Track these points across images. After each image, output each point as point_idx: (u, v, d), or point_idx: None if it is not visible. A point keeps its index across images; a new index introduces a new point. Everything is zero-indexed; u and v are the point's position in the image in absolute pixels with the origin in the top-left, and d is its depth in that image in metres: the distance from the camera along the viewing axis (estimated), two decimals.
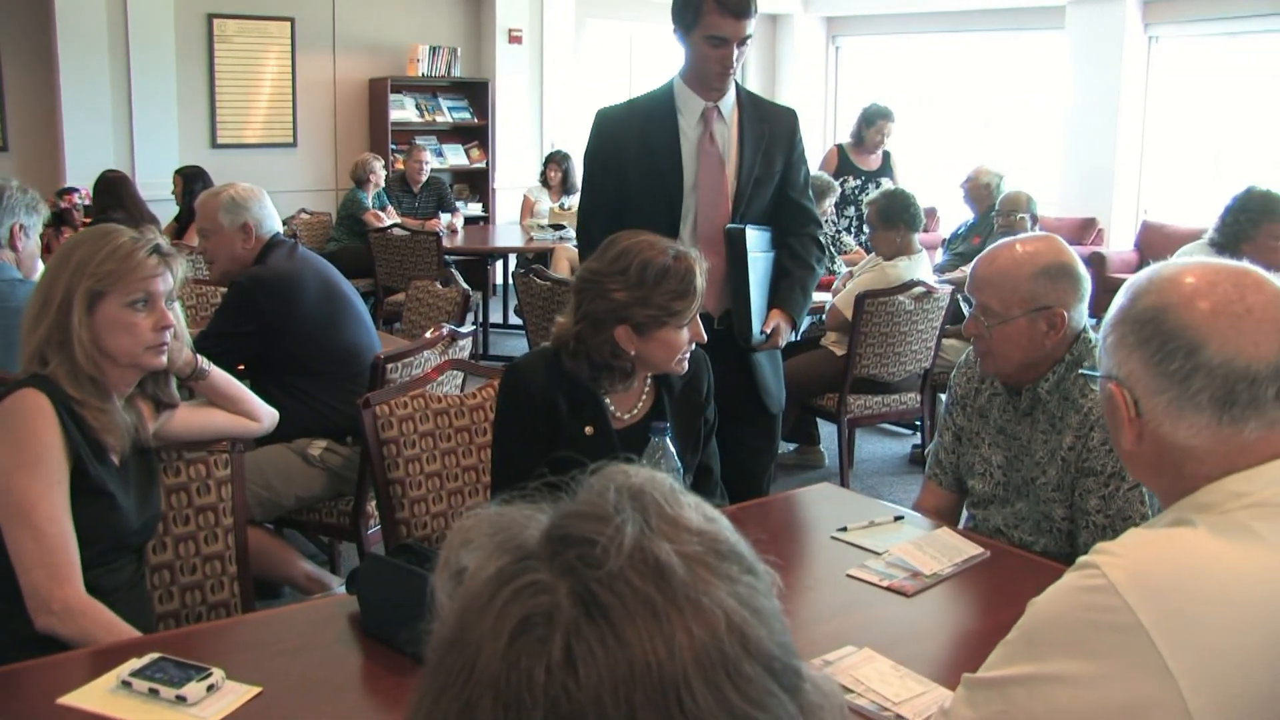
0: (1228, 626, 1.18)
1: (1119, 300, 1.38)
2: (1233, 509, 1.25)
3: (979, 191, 6.47)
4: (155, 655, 1.73)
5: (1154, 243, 8.74)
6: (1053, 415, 2.31)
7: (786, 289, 3.10)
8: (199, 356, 2.46)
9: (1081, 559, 1.26)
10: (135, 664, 1.70)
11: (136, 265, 2.10)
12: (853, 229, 6.59)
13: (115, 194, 6.26)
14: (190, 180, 6.83)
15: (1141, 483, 1.40)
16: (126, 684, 1.66)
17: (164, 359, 2.17)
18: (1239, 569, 1.21)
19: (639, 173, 3.04)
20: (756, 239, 3.05)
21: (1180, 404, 1.28)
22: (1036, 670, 1.24)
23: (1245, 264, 1.35)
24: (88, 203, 6.77)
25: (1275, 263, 4.07)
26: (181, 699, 1.63)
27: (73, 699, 1.64)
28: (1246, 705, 1.16)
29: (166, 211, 7.14)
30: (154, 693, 1.64)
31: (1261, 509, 1.24)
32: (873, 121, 6.63)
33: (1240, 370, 1.26)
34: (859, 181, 6.60)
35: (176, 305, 2.22)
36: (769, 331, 3.04)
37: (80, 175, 7.49)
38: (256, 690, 1.68)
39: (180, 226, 6.71)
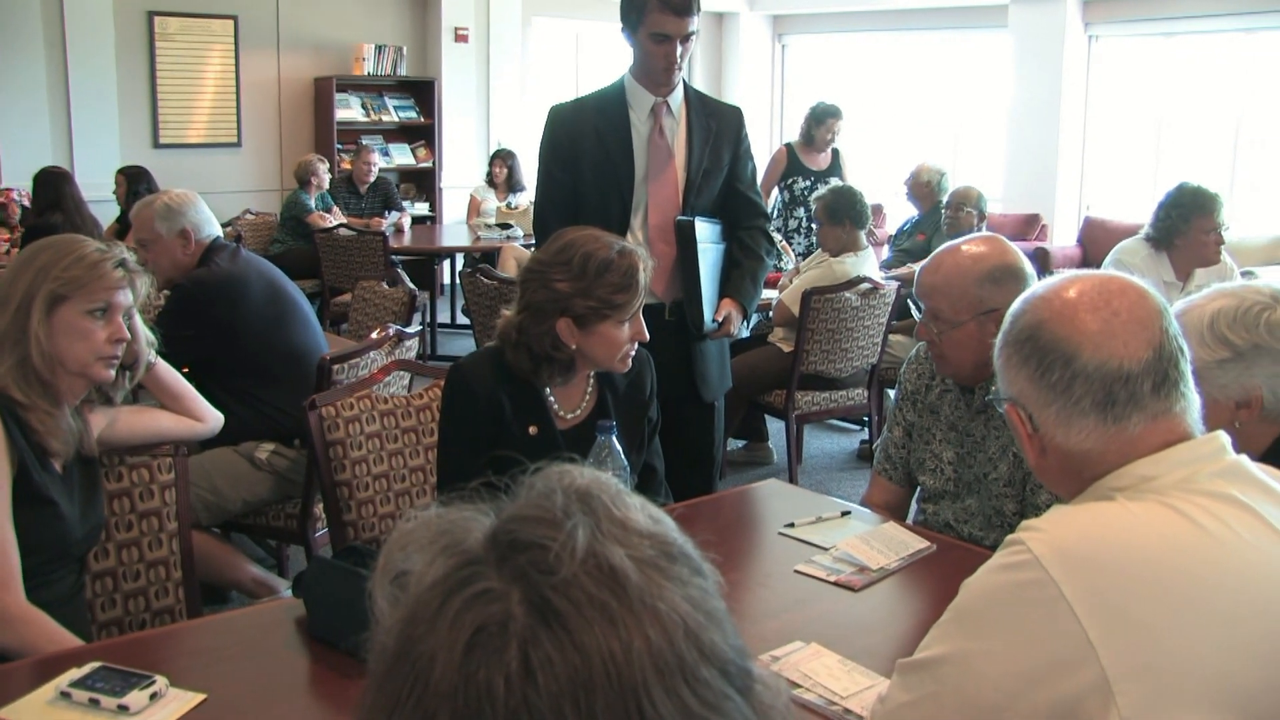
0: (1147, 597, 1.22)
1: (1004, 325, 1.45)
2: (1146, 491, 1.30)
3: (921, 189, 6.53)
4: (96, 664, 1.70)
5: (1096, 238, 8.86)
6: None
7: (737, 279, 3.21)
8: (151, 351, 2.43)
9: (1009, 537, 1.30)
10: (75, 674, 1.67)
11: (101, 275, 2.10)
12: (802, 229, 6.58)
13: (56, 191, 6.08)
14: (134, 181, 6.70)
15: (1056, 493, 1.46)
16: (66, 695, 1.63)
17: (112, 373, 2.17)
18: (1160, 541, 1.25)
19: (593, 166, 3.12)
20: (707, 231, 3.14)
21: (1067, 412, 1.35)
22: (965, 647, 1.28)
23: (1109, 271, 1.43)
24: (26, 203, 6.62)
25: (1206, 256, 4.16)
26: (124, 708, 1.60)
27: (8, 712, 1.61)
28: (1171, 677, 1.19)
29: (106, 212, 7.02)
30: (94, 703, 1.61)
31: (1176, 492, 1.29)
32: (821, 120, 6.63)
33: (1114, 371, 1.32)
34: (808, 182, 6.54)
35: (137, 316, 2.22)
36: (721, 320, 3.13)
37: (17, 176, 7.33)
38: (201, 697, 1.66)
39: (122, 228, 6.59)
